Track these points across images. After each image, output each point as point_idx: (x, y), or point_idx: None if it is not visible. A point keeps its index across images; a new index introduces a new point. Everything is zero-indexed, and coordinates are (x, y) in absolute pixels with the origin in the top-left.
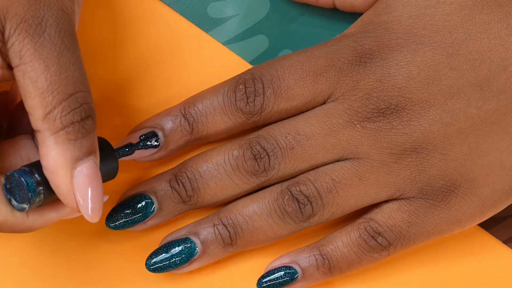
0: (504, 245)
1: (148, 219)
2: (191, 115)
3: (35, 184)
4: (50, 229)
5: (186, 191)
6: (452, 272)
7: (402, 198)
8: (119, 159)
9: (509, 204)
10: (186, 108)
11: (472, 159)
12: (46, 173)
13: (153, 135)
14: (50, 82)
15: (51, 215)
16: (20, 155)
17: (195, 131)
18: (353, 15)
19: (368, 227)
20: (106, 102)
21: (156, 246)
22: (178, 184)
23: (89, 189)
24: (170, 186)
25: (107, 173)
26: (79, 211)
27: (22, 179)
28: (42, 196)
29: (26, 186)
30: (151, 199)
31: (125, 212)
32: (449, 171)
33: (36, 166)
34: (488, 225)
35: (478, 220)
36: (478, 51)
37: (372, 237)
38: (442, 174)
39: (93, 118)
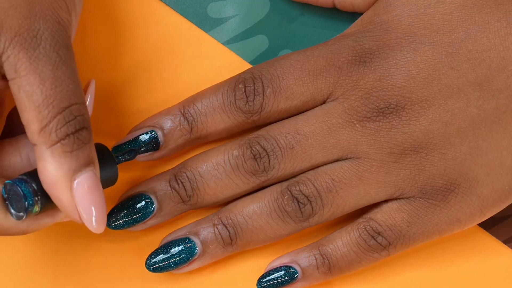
0: (504, 245)
1: (148, 219)
2: (191, 114)
3: (32, 194)
4: (50, 229)
5: (186, 191)
6: (452, 272)
7: (402, 198)
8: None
9: (509, 203)
10: (185, 108)
11: (472, 158)
12: (46, 187)
13: (153, 138)
14: (45, 96)
15: (45, 220)
16: (20, 154)
17: (195, 130)
18: (353, 15)
19: (368, 227)
20: (106, 101)
21: (156, 246)
22: (178, 184)
23: (91, 200)
24: (170, 186)
25: (107, 180)
26: (83, 223)
27: (19, 188)
28: (39, 204)
29: (23, 196)
30: (151, 199)
31: (125, 212)
32: (449, 170)
33: (34, 175)
34: (488, 225)
35: (478, 220)
36: (477, 50)
37: (372, 236)
38: (442, 174)
39: (88, 129)
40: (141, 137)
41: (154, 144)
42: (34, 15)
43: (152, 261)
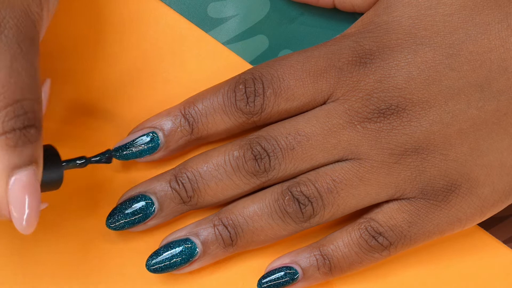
0: (504, 245)
1: (148, 219)
2: (191, 115)
3: None
4: (51, 229)
5: (186, 191)
6: (452, 272)
7: (403, 198)
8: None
9: (509, 203)
10: (186, 108)
11: (473, 159)
12: None
13: (154, 139)
14: None
15: None
16: None
17: (195, 131)
18: (353, 15)
19: (369, 227)
20: (106, 102)
21: (156, 246)
22: (179, 185)
23: (25, 199)
24: (170, 186)
25: (50, 184)
26: (11, 220)
27: None
28: None
29: None
30: (151, 199)
31: (125, 212)
32: (450, 171)
33: None
34: (488, 225)
35: (478, 220)
36: (478, 52)
37: (373, 237)
38: (442, 174)
39: (37, 128)
40: (141, 138)
41: (154, 145)
42: (1, 3)
43: (152, 261)
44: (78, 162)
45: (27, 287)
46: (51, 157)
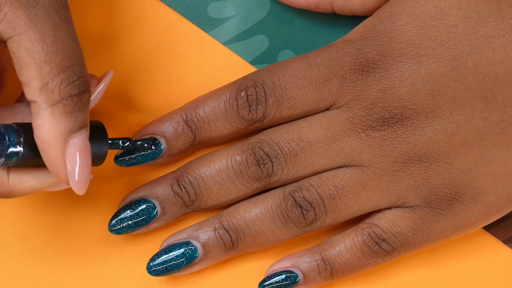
0: (504, 245)
1: (150, 223)
2: (193, 122)
3: (16, 143)
4: (51, 231)
5: (189, 196)
6: (452, 272)
7: (405, 206)
8: (115, 149)
9: None
10: (187, 114)
11: (477, 168)
12: (39, 143)
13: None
14: (47, 53)
15: (31, 183)
16: (15, 120)
17: (198, 137)
18: (353, 15)
19: (372, 233)
20: (105, 102)
21: (156, 248)
22: (181, 189)
23: (78, 159)
24: (173, 190)
25: (95, 157)
26: (68, 183)
27: (6, 134)
28: (20, 156)
29: (7, 142)
30: (153, 203)
31: (127, 217)
32: (454, 179)
33: (25, 127)
34: (488, 225)
35: (482, 225)
36: (483, 64)
37: (376, 243)
38: (446, 183)
39: (89, 92)
40: (143, 145)
41: (157, 151)
42: None
43: (153, 264)
44: (122, 143)
45: None
46: (99, 132)
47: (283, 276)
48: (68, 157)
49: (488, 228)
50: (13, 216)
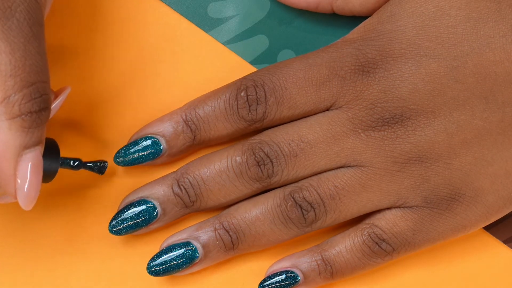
0: (504, 245)
1: (150, 224)
2: (193, 122)
3: None
4: (51, 231)
5: (189, 196)
6: (452, 272)
7: (405, 206)
8: (65, 167)
9: None
10: (187, 114)
11: (477, 169)
12: None
13: (156, 145)
14: (13, 67)
15: None
16: None
17: (197, 137)
18: (353, 16)
19: (372, 234)
20: (105, 102)
21: (156, 248)
22: (181, 190)
23: (30, 176)
24: (173, 191)
25: (46, 174)
26: (15, 197)
27: None
28: None
29: None
30: (153, 204)
31: (128, 217)
32: (454, 180)
33: None
34: (488, 225)
35: (482, 225)
36: (483, 65)
37: (377, 243)
38: (446, 183)
39: (49, 110)
40: (143, 145)
41: (156, 152)
42: None
43: (153, 264)
44: (72, 163)
45: None
46: (52, 150)
47: (283, 276)
48: (20, 171)
49: (488, 228)
50: (13, 216)
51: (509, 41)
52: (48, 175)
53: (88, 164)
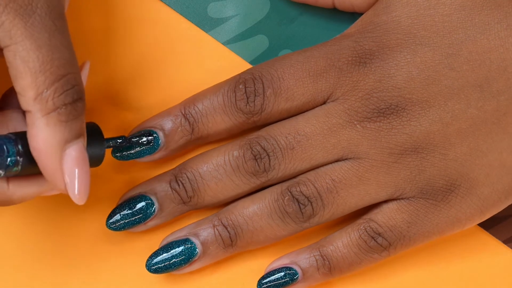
0: (504, 245)
1: (148, 220)
2: (191, 115)
3: (15, 154)
4: (50, 229)
5: (186, 191)
6: (452, 272)
7: (402, 198)
8: (112, 148)
9: (509, 204)
10: (186, 108)
11: (472, 159)
12: (35, 153)
13: (154, 138)
14: (42, 62)
15: (31, 189)
16: (7, 128)
17: (196, 131)
18: (352, 15)
19: (368, 228)
20: (106, 102)
21: (156, 246)
22: (178, 185)
23: (77, 171)
24: (170, 187)
25: (93, 159)
26: (67, 193)
27: (4, 146)
28: (19, 167)
29: (6, 153)
30: (151, 200)
31: (125, 213)
32: (449, 170)
33: (22, 137)
34: (488, 225)
35: (478, 220)
36: (478, 52)
37: (372, 237)
38: (442, 174)
39: (84, 101)
40: (141, 138)
41: (154, 145)
42: None
43: (152, 262)
44: (118, 141)
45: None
46: (95, 134)
47: (282, 273)
48: (66, 168)
49: (488, 228)
50: (12, 213)
51: (504, 27)
52: (95, 160)
53: (133, 139)
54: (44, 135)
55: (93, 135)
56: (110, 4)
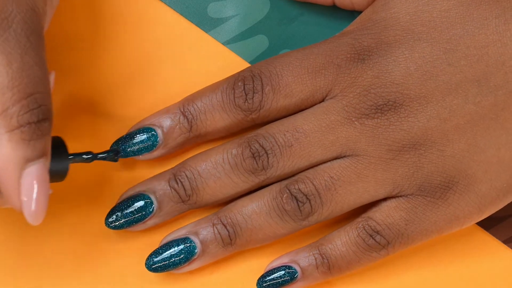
0: (504, 245)
1: (147, 218)
2: (190, 112)
3: None
4: (50, 228)
5: (185, 190)
6: (452, 272)
7: (401, 196)
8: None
9: (508, 202)
10: (184, 106)
11: (470, 156)
12: None
13: (152, 136)
14: (11, 79)
15: None
16: None
17: (194, 128)
18: (352, 14)
19: (367, 226)
20: (105, 101)
21: (155, 246)
22: (177, 183)
23: (35, 190)
24: (169, 185)
25: (55, 175)
26: (21, 211)
27: None
28: None
29: None
30: (150, 198)
31: (124, 212)
32: (447, 167)
33: None
34: (488, 225)
35: (476, 218)
36: (475, 46)
37: (370, 235)
38: (440, 171)
39: (50, 121)
40: (140, 135)
41: (153, 143)
42: None
43: (152, 261)
44: (84, 156)
45: (26, 287)
46: (59, 149)
47: (281, 272)
48: (24, 187)
49: (488, 228)
50: (12, 213)
51: (502, 22)
52: (59, 175)
53: (100, 155)
54: (5, 151)
55: (57, 150)
56: (110, 4)
